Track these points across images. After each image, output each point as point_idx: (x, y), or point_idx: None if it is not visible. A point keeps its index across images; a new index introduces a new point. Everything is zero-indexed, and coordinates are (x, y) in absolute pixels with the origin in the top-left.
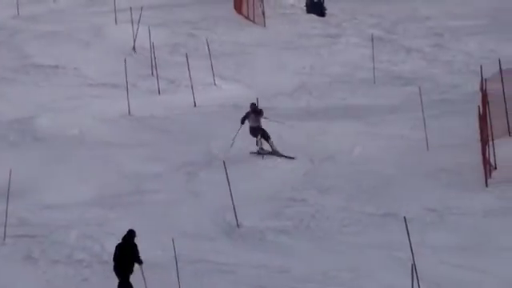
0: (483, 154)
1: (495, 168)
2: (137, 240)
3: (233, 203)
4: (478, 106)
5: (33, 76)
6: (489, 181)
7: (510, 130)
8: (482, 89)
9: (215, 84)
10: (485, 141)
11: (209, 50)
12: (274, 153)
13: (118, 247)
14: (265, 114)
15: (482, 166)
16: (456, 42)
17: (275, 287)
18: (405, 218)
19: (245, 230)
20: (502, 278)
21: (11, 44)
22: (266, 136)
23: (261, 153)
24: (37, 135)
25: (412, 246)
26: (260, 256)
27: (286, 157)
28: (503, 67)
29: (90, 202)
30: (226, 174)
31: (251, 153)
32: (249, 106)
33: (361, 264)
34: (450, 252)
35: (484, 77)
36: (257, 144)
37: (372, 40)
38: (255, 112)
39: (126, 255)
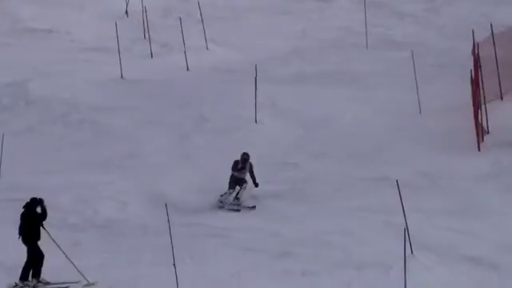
0: (475, 117)
1: (487, 132)
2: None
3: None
4: (470, 70)
5: (25, 40)
6: (481, 145)
7: (503, 94)
8: (474, 53)
9: (208, 48)
10: (477, 105)
11: (201, 14)
12: (234, 202)
13: (21, 216)
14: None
15: (474, 130)
16: (448, 7)
17: (267, 251)
18: (397, 181)
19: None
20: (493, 242)
21: (4, 8)
22: (240, 183)
23: (219, 206)
24: (29, 99)
25: (404, 209)
26: (252, 220)
27: (247, 207)
28: (495, 31)
29: (82, 165)
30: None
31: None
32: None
33: (353, 228)
34: (442, 216)
35: (476, 41)
36: (221, 195)
37: (364, 4)
38: (244, 162)
39: (30, 224)
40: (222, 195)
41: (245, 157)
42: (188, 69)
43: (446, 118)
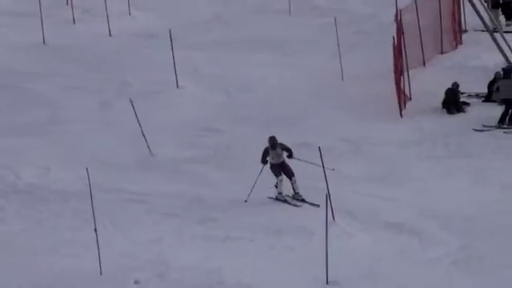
0: (398, 84)
1: (410, 98)
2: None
3: (143, 133)
4: (393, 37)
5: None
6: (403, 111)
7: (425, 61)
8: (396, 20)
9: (130, 13)
10: (399, 72)
11: None
12: (296, 197)
13: None
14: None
15: (396, 97)
16: None
17: (189, 216)
18: (319, 148)
19: (159, 160)
20: (414, 208)
21: None
22: (288, 173)
23: (279, 199)
24: None
25: (327, 175)
26: (174, 185)
27: (310, 203)
28: None
29: (2, 130)
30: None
31: (269, 197)
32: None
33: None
34: (364, 182)
35: (399, 7)
36: (276, 186)
37: None
38: (274, 146)
39: None
40: (276, 186)
41: (273, 141)
42: (110, 34)
43: (368, 85)
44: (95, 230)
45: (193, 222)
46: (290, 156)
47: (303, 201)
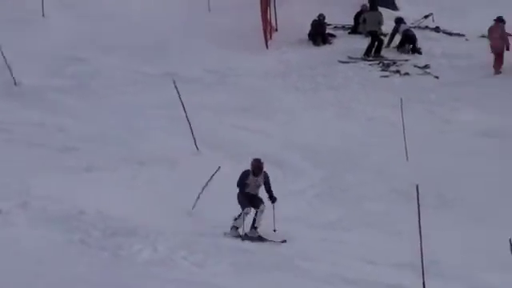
0: (264, 15)
1: (276, 30)
2: None
3: (6, 62)
4: None
5: None
6: (269, 43)
7: None
8: None
9: None
10: (265, 2)
11: None
12: (249, 234)
13: None
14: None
15: (262, 28)
16: None
17: (52, 146)
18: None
19: (23, 89)
20: (279, 139)
21: None
22: (257, 203)
23: (232, 234)
24: None
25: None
26: (38, 114)
27: (272, 241)
28: None
29: None
30: None
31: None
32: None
33: (139, 124)
34: (230, 113)
35: None
36: (236, 218)
37: None
38: (258, 172)
39: None
40: (235, 218)
41: (259, 165)
42: None
43: (235, 16)
44: None
45: (55, 151)
46: (273, 201)
47: (260, 238)
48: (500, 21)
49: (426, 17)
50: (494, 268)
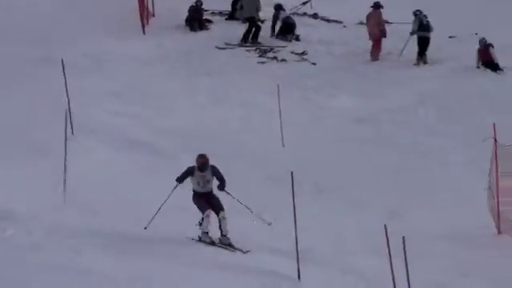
0: (140, 0)
1: (153, 15)
2: None
3: None
4: None
5: None
6: (146, 28)
7: None
8: None
9: None
10: None
11: None
12: (222, 242)
13: None
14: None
15: (138, 13)
16: None
17: None
18: (62, 61)
19: None
20: (153, 124)
21: None
22: (216, 207)
23: (204, 240)
24: None
25: (68, 91)
26: None
27: (239, 250)
28: None
29: None
30: None
31: (188, 238)
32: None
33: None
34: (106, 98)
35: None
36: (200, 224)
37: None
38: (204, 168)
39: None
40: (200, 223)
41: (203, 160)
42: None
43: (111, 1)
44: None
45: None
46: (222, 188)
47: (231, 246)
48: (377, 7)
49: (304, 3)
50: (368, 253)
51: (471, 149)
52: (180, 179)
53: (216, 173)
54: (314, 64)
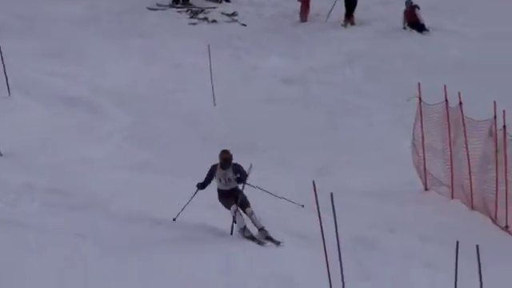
0: None
1: None
2: None
3: None
4: None
5: None
6: None
7: None
8: None
9: None
10: None
11: None
12: (263, 235)
13: None
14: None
15: None
16: None
17: None
18: None
19: None
20: (88, 84)
21: None
22: (242, 203)
23: (246, 236)
24: None
25: (3, 51)
26: None
27: (276, 242)
28: None
29: None
30: None
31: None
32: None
33: None
34: (40, 58)
35: None
36: (235, 221)
37: None
38: (227, 165)
39: None
40: (234, 221)
41: (226, 156)
42: None
43: None
44: None
45: None
46: (241, 180)
47: (271, 239)
48: None
49: None
50: (300, 209)
51: (397, 108)
52: (203, 185)
53: (239, 171)
54: (245, 25)
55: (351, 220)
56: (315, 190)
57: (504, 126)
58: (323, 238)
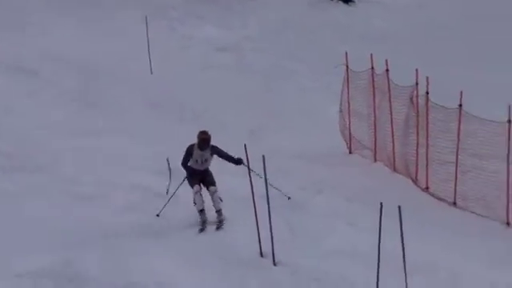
0: None
1: None
2: None
3: None
4: None
5: None
6: None
7: None
8: None
9: None
10: None
11: None
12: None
13: None
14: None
15: None
16: None
17: None
18: None
19: None
20: (31, 50)
21: None
22: (208, 182)
23: (202, 220)
24: None
25: None
26: None
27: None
28: None
29: None
30: None
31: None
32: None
33: None
34: None
35: None
36: (194, 202)
37: None
38: (205, 146)
39: None
40: (194, 203)
41: (205, 137)
42: None
43: None
44: None
45: None
46: (239, 162)
47: (220, 223)
48: None
49: None
50: (232, 172)
51: (326, 75)
52: (184, 164)
53: (218, 152)
54: None
55: (281, 181)
56: (246, 153)
57: (427, 92)
58: (254, 200)
